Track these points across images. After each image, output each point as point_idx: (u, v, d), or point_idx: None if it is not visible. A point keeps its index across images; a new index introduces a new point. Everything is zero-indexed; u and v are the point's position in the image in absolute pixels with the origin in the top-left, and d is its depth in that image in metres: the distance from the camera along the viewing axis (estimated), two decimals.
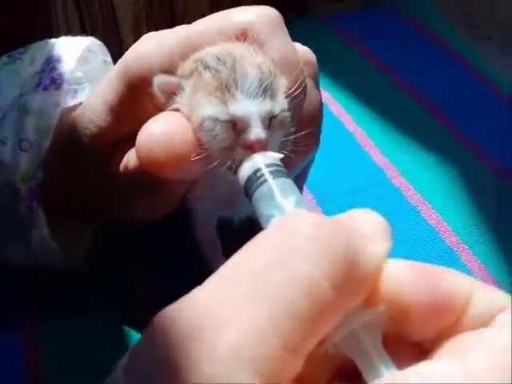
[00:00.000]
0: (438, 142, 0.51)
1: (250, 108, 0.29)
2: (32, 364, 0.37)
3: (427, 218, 0.45)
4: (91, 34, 0.43)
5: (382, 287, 0.20)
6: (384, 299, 0.20)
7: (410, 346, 0.21)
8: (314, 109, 0.34)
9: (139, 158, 0.31)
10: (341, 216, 0.22)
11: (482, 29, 0.92)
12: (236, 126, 0.29)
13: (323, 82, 0.37)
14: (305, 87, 0.32)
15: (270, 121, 0.30)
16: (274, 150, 0.30)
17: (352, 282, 0.20)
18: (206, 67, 0.30)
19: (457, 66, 0.60)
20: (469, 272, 0.41)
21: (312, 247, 0.19)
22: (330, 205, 0.46)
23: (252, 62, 0.30)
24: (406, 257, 0.39)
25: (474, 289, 0.21)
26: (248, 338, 0.18)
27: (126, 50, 0.34)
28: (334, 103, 0.55)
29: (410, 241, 0.43)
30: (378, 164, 0.49)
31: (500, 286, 0.41)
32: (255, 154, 0.28)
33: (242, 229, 0.39)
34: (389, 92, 0.56)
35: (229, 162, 0.30)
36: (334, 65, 0.56)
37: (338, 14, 0.67)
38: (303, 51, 0.34)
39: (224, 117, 0.29)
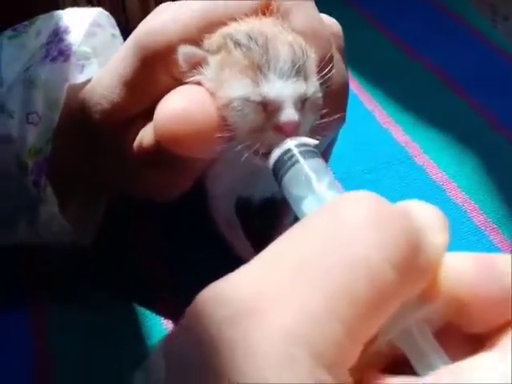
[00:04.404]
0: (461, 119, 0.49)
1: (283, 89, 0.28)
2: (41, 345, 0.35)
3: (453, 197, 0.43)
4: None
5: (442, 281, 0.19)
6: (443, 293, 0.19)
7: (465, 336, 0.20)
8: (341, 82, 0.32)
9: (156, 132, 0.29)
10: (396, 204, 0.20)
11: (500, 9, 0.90)
12: (267, 108, 0.28)
13: None
14: (332, 58, 0.31)
15: (302, 103, 0.29)
16: (305, 133, 0.28)
17: (414, 269, 0.18)
18: (237, 44, 0.29)
19: (477, 42, 0.58)
20: (498, 251, 0.39)
21: (373, 230, 0.18)
22: (351, 183, 0.44)
23: (284, 42, 0.29)
24: None
25: None
26: (304, 321, 0.16)
27: (132, 22, 0.32)
28: (353, 80, 0.53)
29: None
30: (399, 142, 0.47)
31: None
32: (288, 140, 0.26)
33: (262, 211, 0.37)
34: (408, 69, 0.54)
35: (258, 145, 0.28)
36: (352, 42, 0.54)
37: None
38: (329, 23, 0.33)
39: (255, 97, 0.28)
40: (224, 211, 0.36)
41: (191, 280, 0.23)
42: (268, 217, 0.37)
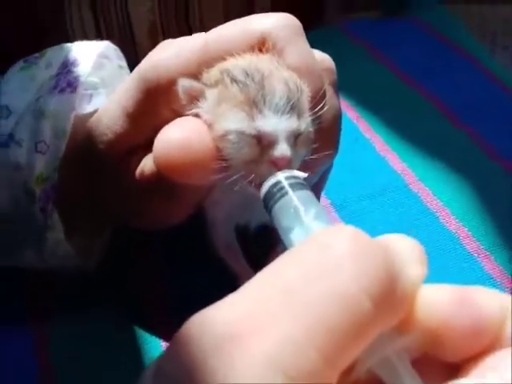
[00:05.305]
0: (457, 148, 0.50)
1: (277, 125, 0.29)
2: (44, 365, 0.36)
3: (446, 224, 0.44)
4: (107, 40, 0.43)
5: (418, 312, 0.20)
6: (419, 324, 0.20)
7: (442, 365, 0.21)
8: (334, 116, 0.34)
9: (156, 160, 0.31)
10: (376, 238, 0.21)
11: (499, 39, 0.91)
12: (261, 142, 0.30)
13: (339, 88, 0.36)
14: (324, 94, 0.32)
15: (295, 138, 0.30)
16: (296, 167, 0.30)
17: (391, 302, 0.19)
18: (233, 80, 0.30)
19: (475, 72, 0.59)
20: (490, 278, 0.40)
21: (352, 262, 0.19)
22: (347, 211, 0.46)
23: (280, 79, 0.30)
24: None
25: (509, 307, 0.20)
26: (284, 348, 0.17)
27: (142, 56, 0.34)
28: (351, 109, 0.54)
29: (430, 247, 0.42)
30: (395, 169, 0.48)
31: None
32: (278, 172, 0.28)
33: (259, 237, 0.38)
34: (406, 98, 0.56)
35: (252, 176, 0.30)
36: (349, 71, 0.55)
37: (354, 22, 0.66)
38: (322, 58, 0.34)
39: (250, 131, 0.30)
40: (224, 237, 0.38)
41: (192, 304, 0.24)
42: (265, 243, 0.38)
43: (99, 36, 0.60)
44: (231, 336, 0.18)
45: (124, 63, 0.43)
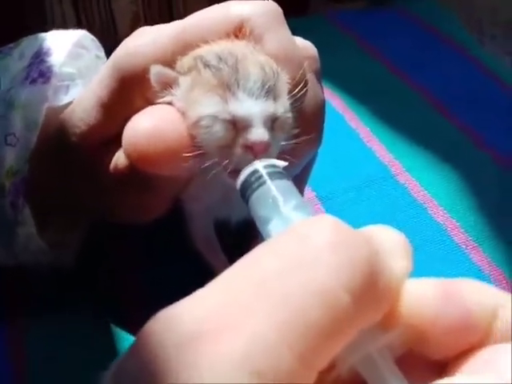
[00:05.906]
0: (445, 138, 0.50)
1: (252, 108, 0.28)
2: (18, 360, 0.35)
3: (434, 215, 0.43)
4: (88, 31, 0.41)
5: (402, 307, 0.19)
6: (404, 320, 0.19)
7: (428, 363, 0.20)
8: (316, 104, 0.32)
9: (125, 151, 0.30)
10: (360, 230, 0.20)
11: (487, 29, 0.91)
12: (236, 126, 0.28)
13: (325, 77, 0.35)
14: (306, 82, 0.31)
15: (272, 122, 0.29)
16: (274, 153, 0.29)
17: (372, 296, 0.18)
18: (206, 65, 0.29)
19: (464, 62, 0.58)
20: (478, 270, 0.40)
21: (331, 254, 0.18)
22: (333, 202, 0.45)
23: (255, 63, 0.29)
24: (413, 256, 0.37)
25: (500, 301, 0.19)
26: (254, 346, 0.16)
27: None
28: (337, 99, 0.53)
29: (417, 239, 0.41)
30: (382, 160, 0.47)
31: (510, 283, 0.39)
32: (256, 161, 0.26)
33: (239, 231, 0.37)
34: (393, 88, 0.55)
35: (226, 161, 0.28)
36: (336, 60, 0.54)
37: (340, 11, 0.65)
38: (304, 46, 0.33)
39: (224, 115, 0.28)
40: (202, 230, 0.36)
41: (171, 301, 0.23)
42: (245, 239, 0.37)
43: (79, 24, 0.59)
44: (199, 335, 0.16)
45: (102, 53, 0.41)
